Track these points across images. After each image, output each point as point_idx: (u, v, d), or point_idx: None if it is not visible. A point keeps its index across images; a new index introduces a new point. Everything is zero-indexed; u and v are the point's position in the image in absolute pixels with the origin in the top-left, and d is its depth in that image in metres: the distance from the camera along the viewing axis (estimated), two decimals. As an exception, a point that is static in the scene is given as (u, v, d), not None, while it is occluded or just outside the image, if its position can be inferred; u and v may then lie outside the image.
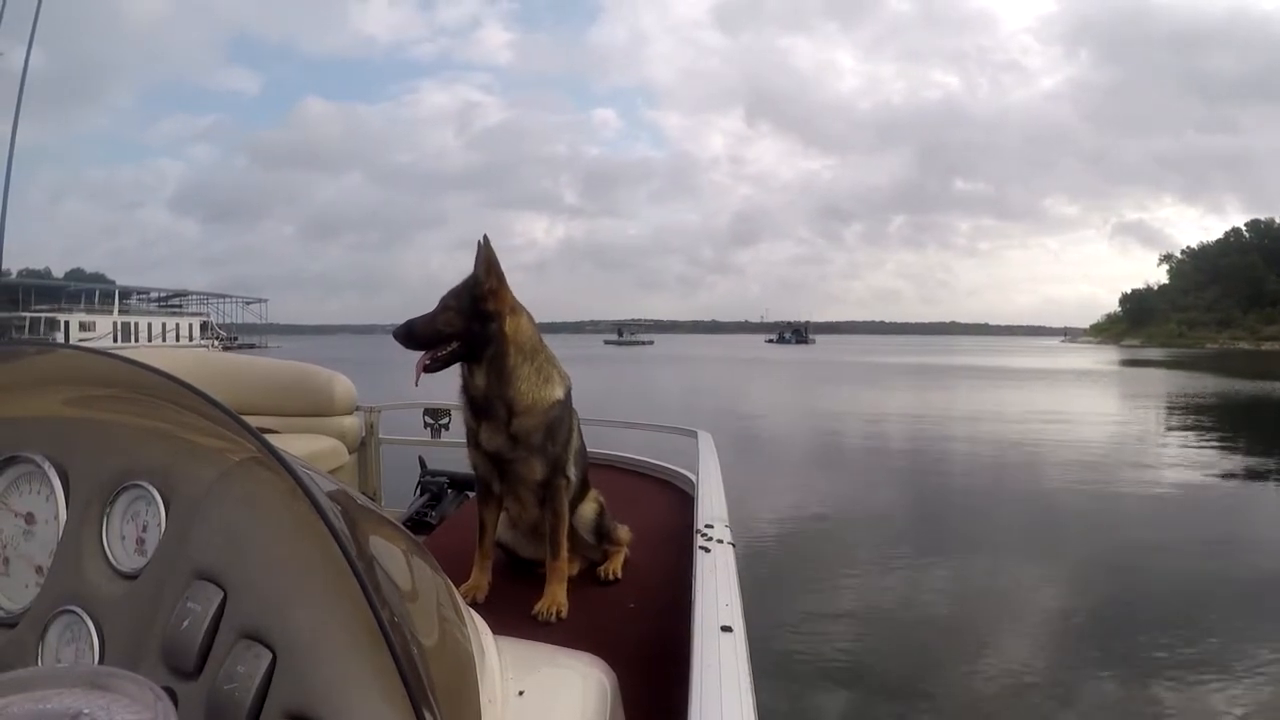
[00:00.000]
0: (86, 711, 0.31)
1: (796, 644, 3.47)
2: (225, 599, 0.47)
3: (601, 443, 2.29)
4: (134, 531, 0.56)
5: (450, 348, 1.27)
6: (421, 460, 2.75)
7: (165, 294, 55.66)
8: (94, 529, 0.57)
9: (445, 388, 1.45)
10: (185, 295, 57.79)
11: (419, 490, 2.65)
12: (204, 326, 47.22)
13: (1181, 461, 8.78)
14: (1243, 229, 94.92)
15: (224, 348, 35.99)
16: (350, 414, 2.69)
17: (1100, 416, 13.96)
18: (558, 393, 1.32)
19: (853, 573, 4.64)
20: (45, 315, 36.51)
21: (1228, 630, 3.59)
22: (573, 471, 1.37)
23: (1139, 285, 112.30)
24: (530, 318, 1.32)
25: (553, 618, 1.24)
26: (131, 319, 41.30)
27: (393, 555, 0.54)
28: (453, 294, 1.28)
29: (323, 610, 0.45)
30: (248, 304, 63.95)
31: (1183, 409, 15.59)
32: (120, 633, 0.52)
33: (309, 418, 2.57)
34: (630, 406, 13.73)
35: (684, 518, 1.67)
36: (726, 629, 0.82)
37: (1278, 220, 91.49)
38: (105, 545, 0.57)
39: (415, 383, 1.31)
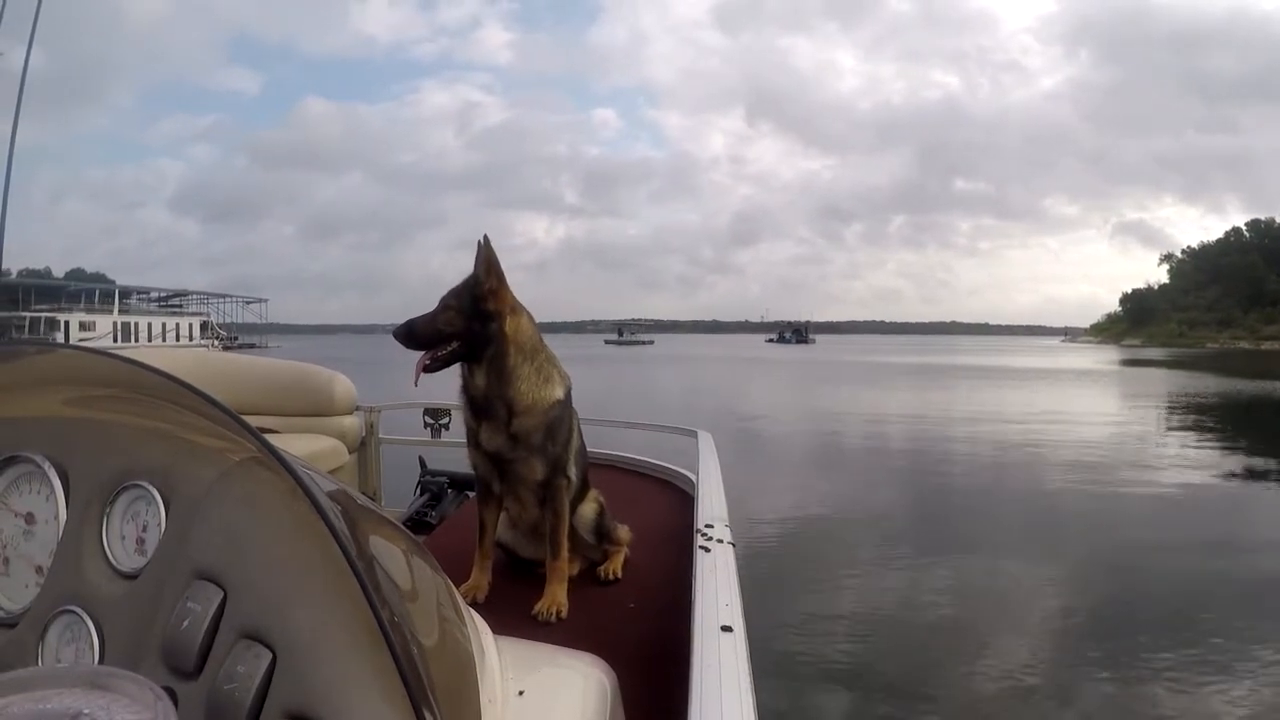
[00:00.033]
0: (86, 711, 0.31)
1: (797, 644, 3.46)
2: (225, 599, 0.47)
3: (601, 443, 2.29)
4: (134, 531, 0.56)
5: (450, 347, 1.27)
6: (421, 460, 2.75)
7: (165, 294, 55.71)
8: (94, 529, 0.57)
9: (445, 388, 1.45)
10: (185, 295, 57.84)
11: (419, 490, 2.65)
12: (204, 326, 47.22)
13: (1182, 461, 8.77)
14: (1243, 229, 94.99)
15: (224, 347, 35.99)
16: (350, 414, 2.70)
17: (1100, 416, 13.95)
18: (558, 393, 1.32)
19: (853, 573, 4.64)
20: (45, 315, 36.51)
21: (1228, 631, 3.58)
22: (573, 471, 1.37)
23: (1139, 285, 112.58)
24: (530, 318, 1.32)
25: (553, 618, 1.24)
26: (131, 319, 41.31)
27: (393, 555, 0.54)
28: (453, 294, 1.28)
29: (323, 610, 0.45)
30: (248, 304, 64.05)
31: (1183, 409, 15.58)
32: (120, 633, 0.52)
33: (309, 418, 2.57)
34: (630, 406, 13.73)
35: (684, 518, 1.67)
36: (726, 629, 0.82)
37: (1278, 220, 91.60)
38: (105, 545, 0.57)
39: (415, 383, 1.31)
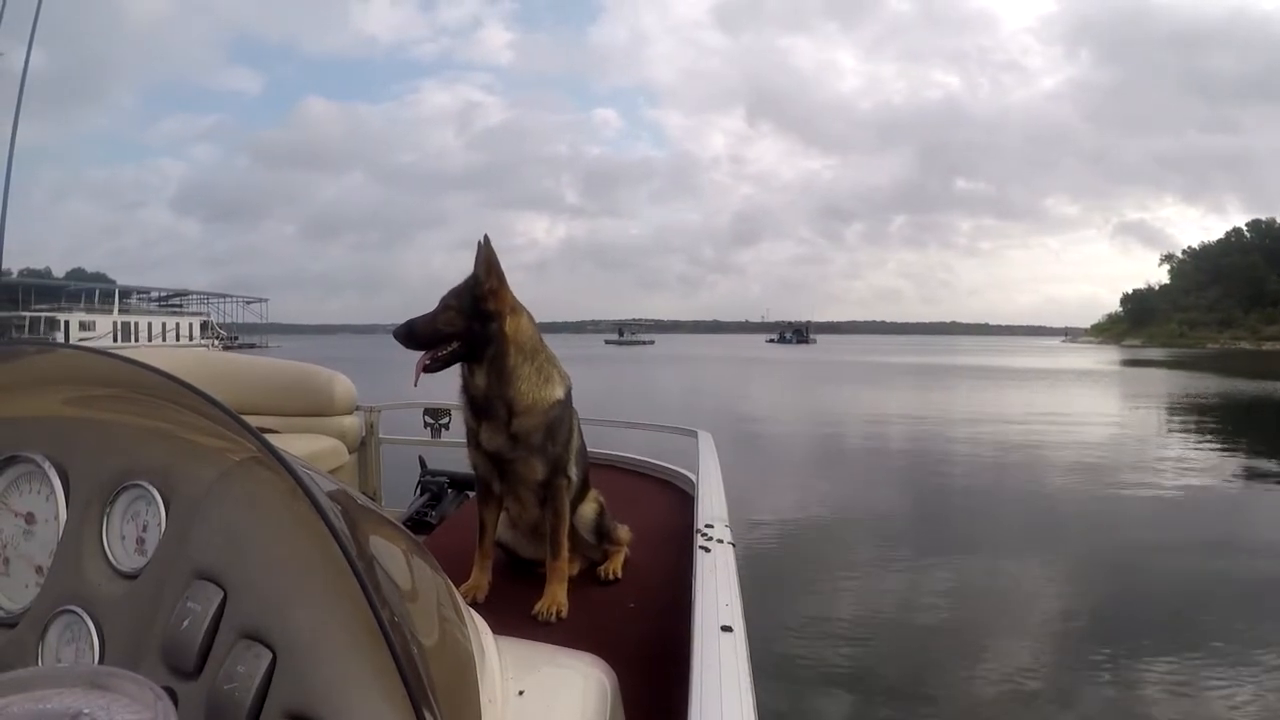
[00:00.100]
0: (86, 711, 0.31)
1: (797, 644, 3.46)
2: (225, 599, 0.47)
3: (602, 443, 2.29)
4: (134, 531, 0.56)
5: (450, 347, 1.27)
6: (421, 460, 2.75)
7: (165, 293, 55.74)
8: (94, 529, 0.57)
9: (445, 388, 1.45)
10: (186, 295, 57.88)
11: (419, 490, 2.65)
12: (204, 326, 47.23)
13: (1182, 462, 8.77)
14: (1244, 229, 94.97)
15: (224, 347, 36.00)
16: (350, 414, 2.70)
17: (1101, 417, 13.94)
18: (558, 393, 1.32)
19: (853, 573, 4.64)
20: (45, 315, 36.52)
21: (1229, 633, 3.58)
22: (573, 471, 1.38)
23: (1140, 285, 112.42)
24: (530, 318, 1.32)
25: (553, 618, 1.24)
26: (131, 318, 41.33)
27: (393, 555, 0.54)
28: (453, 294, 1.28)
29: (323, 610, 0.45)
30: (248, 303, 64.10)
31: (1184, 410, 15.57)
32: (120, 633, 0.52)
33: (309, 417, 2.57)
34: (631, 406, 13.72)
35: (684, 518, 1.67)
36: (726, 629, 0.82)
37: (1279, 220, 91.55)
38: (105, 545, 0.57)
39: (415, 383, 1.31)
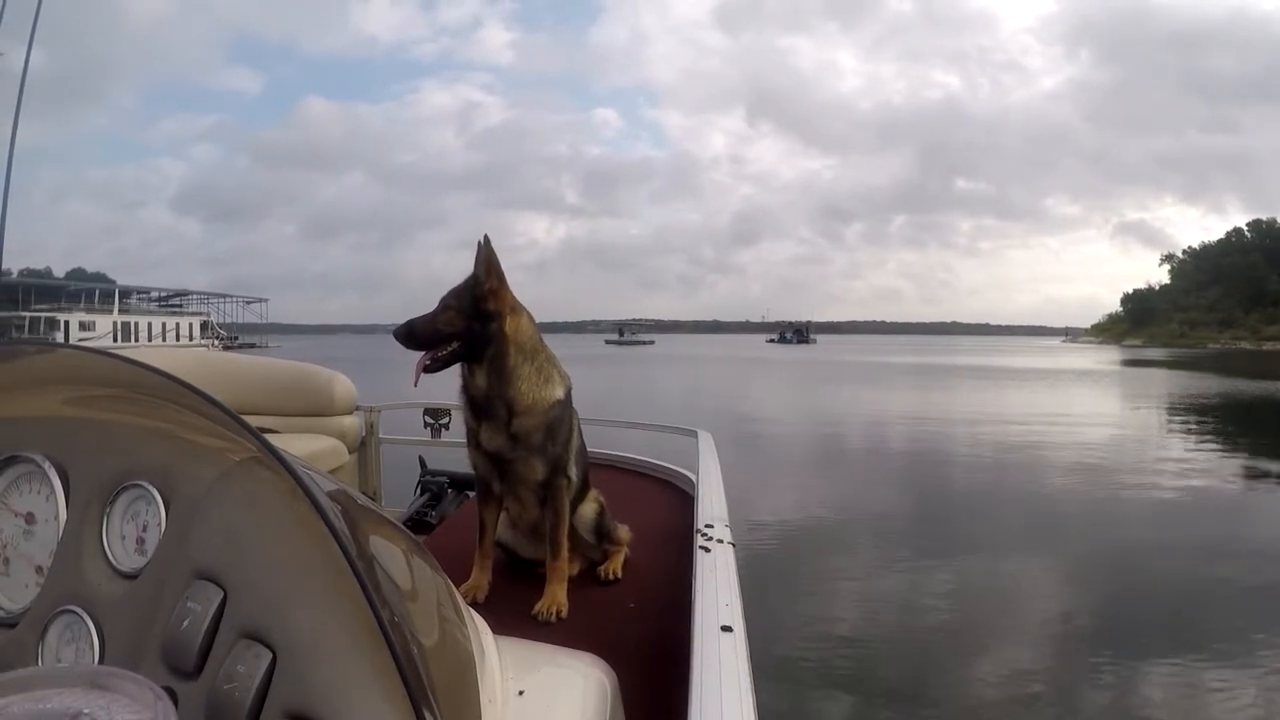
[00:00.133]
0: (86, 711, 0.31)
1: (797, 644, 3.46)
2: (225, 599, 0.47)
3: (602, 443, 2.29)
4: (134, 531, 0.56)
5: (450, 348, 1.27)
6: (421, 460, 2.75)
7: (165, 293, 55.73)
8: (94, 529, 0.57)
9: (445, 388, 1.45)
10: (186, 295, 57.86)
11: (419, 490, 2.65)
12: (204, 326, 47.21)
13: (1183, 462, 8.76)
14: (1244, 229, 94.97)
15: (224, 347, 36.01)
16: (350, 414, 2.70)
17: (1102, 417, 13.94)
18: (558, 393, 1.32)
19: (853, 573, 4.64)
20: (45, 315, 36.51)
21: (1231, 634, 3.58)
22: (573, 471, 1.38)
23: (1140, 285, 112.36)
24: (530, 318, 1.32)
25: (553, 618, 1.24)
26: (131, 319, 41.32)
27: (393, 555, 0.54)
28: (453, 294, 1.28)
29: (323, 610, 0.45)
30: (248, 304, 64.08)
31: (1184, 410, 15.56)
32: (120, 633, 0.52)
33: (309, 417, 2.57)
34: (631, 406, 13.72)
35: (684, 518, 1.67)
36: (726, 629, 0.82)
37: (1279, 220, 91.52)
38: (105, 545, 0.57)
39: (415, 383, 1.31)
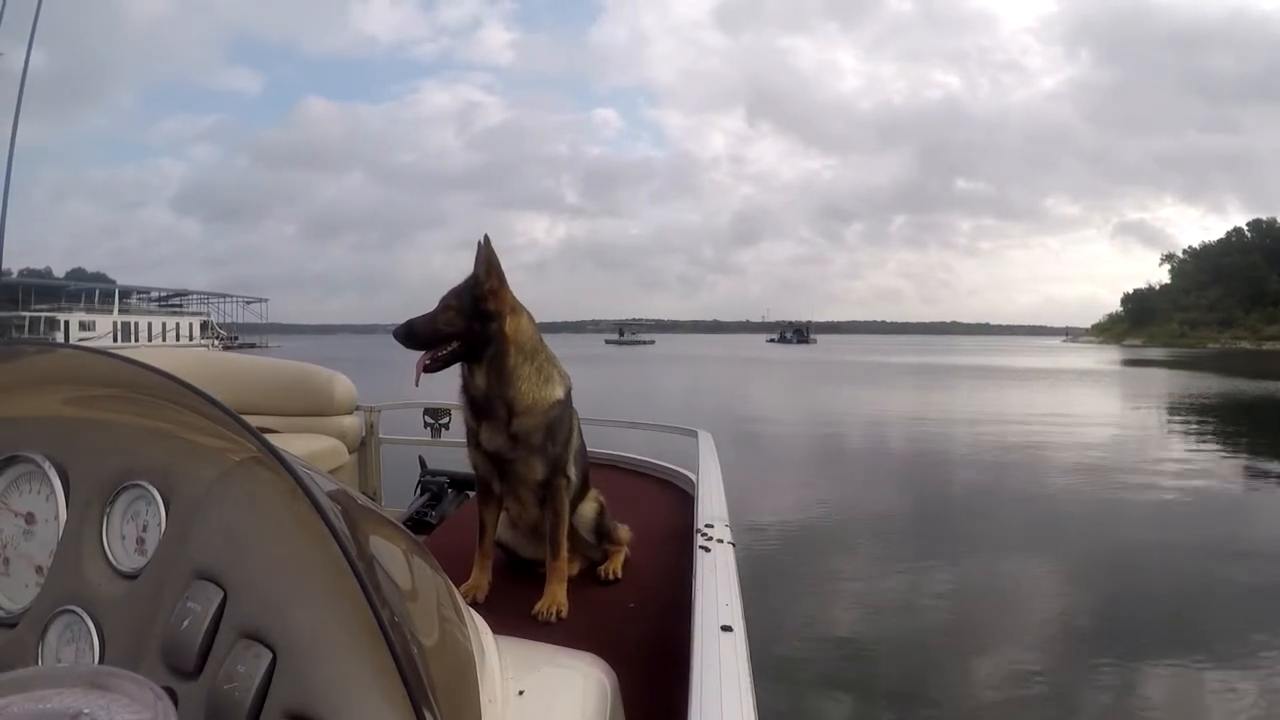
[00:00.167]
0: (86, 711, 0.31)
1: (797, 644, 3.46)
2: (225, 599, 0.47)
3: (602, 443, 2.29)
4: (134, 531, 0.56)
5: (450, 347, 1.27)
6: (421, 460, 2.75)
7: (165, 293, 55.72)
8: (94, 529, 0.57)
9: (445, 388, 1.45)
10: (186, 295, 57.86)
11: (419, 490, 2.65)
12: (204, 326, 47.20)
13: (1183, 462, 8.76)
14: (1244, 229, 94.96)
15: (224, 347, 36.00)
16: (350, 414, 2.70)
17: (1102, 417, 13.94)
18: (558, 393, 1.32)
19: (853, 573, 4.64)
20: (45, 315, 36.51)
21: (1230, 632, 3.58)
22: (573, 471, 1.38)
23: (1140, 285, 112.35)
24: (530, 318, 1.32)
25: (553, 617, 1.24)
26: (131, 318, 41.32)
27: (393, 555, 0.54)
28: (453, 294, 1.28)
29: (323, 610, 0.45)
30: (248, 303, 64.09)
31: (1185, 410, 15.57)
32: (120, 633, 0.52)
33: (309, 417, 2.57)
34: (631, 406, 13.72)
35: (684, 517, 1.67)
36: (726, 629, 0.82)
37: (1279, 220, 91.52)
38: (105, 545, 0.57)
39: (415, 383, 1.32)
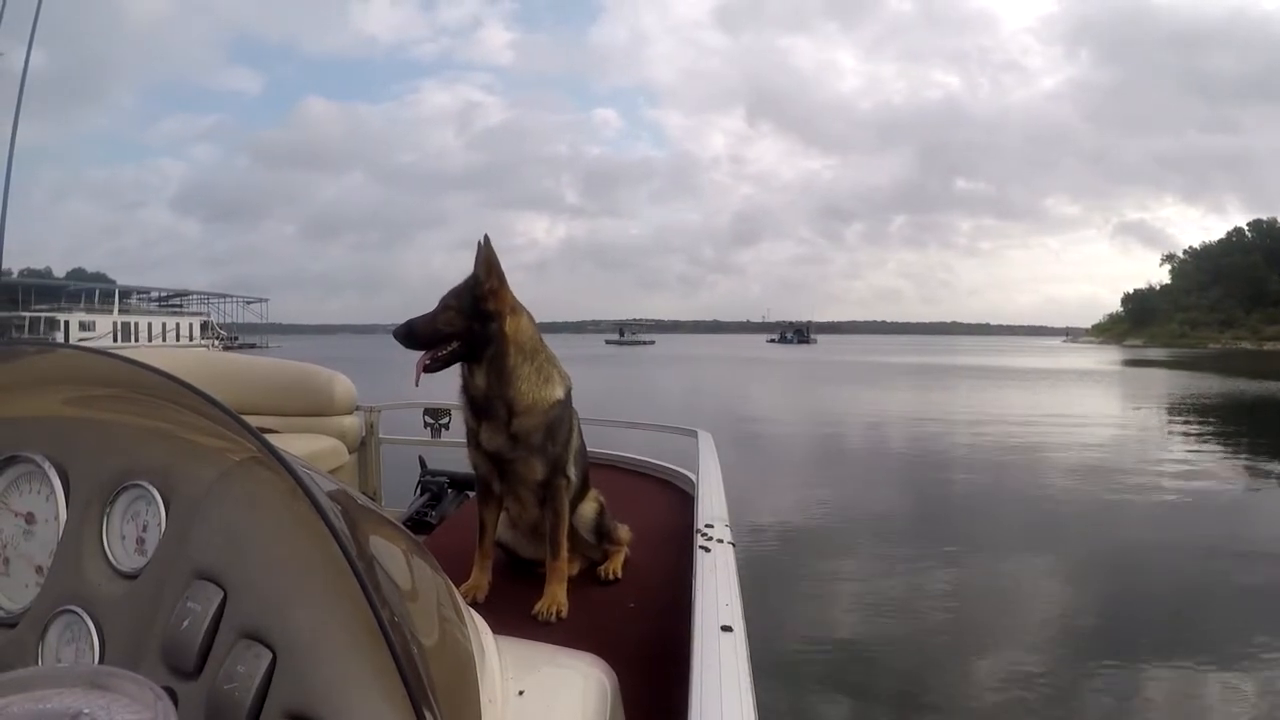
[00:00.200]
0: (86, 711, 0.31)
1: (797, 644, 3.46)
2: (225, 599, 0.47)
3: (602, 443, 2.29)
4: (134, 531, 0.56)
5: (450, 347, 1.27)
6: (421, 460, 2.75)
7: (166, 294, 55.71)
8: (94, 529, 0.57)
9: (445, 388, 1.45)
10: (186, 295, 57.84)
11: (419, 490, 2.65)
12: (204, 326, 47.19)
13: (1183, 462, 8.76)
14: (1245, 229, 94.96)
15: (224, 347, 36.00)
16: (350, 414, 2.70)
17: (1103, 417, 13.94)
18: (558, 393, 1.32)
19: (854, 574, 4.64)
20: (45, 315, 36.50)
21: (1230, 632, 3.58)
22: (573, 471, 1.38)
23: (1141, 285, 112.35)
24: (530, 318, 1.32)
25: (553, 617, 1.24)
26: (131, 319, 41.31)
27: (393, 555, 0.54)
28: (453, 294, 1.28)
29: (323, 610, 0.45)
30: (248, 304, 64.06)
31: (1185, 410, 15.56)
32: (120, 632, 0.52)
33: (309, 417, 2.57)
34: (631, 406, 13.73)
35: (684, 518, 1.67)
36: (726, 629, 0.82)
37: (1279, 220, 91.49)
38: (105, 545, 0.57)
39: (415, 383, 1.32)
